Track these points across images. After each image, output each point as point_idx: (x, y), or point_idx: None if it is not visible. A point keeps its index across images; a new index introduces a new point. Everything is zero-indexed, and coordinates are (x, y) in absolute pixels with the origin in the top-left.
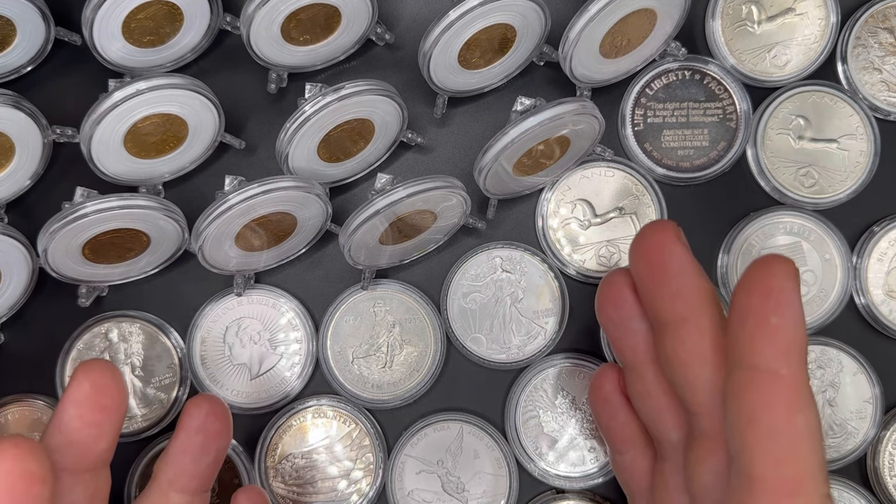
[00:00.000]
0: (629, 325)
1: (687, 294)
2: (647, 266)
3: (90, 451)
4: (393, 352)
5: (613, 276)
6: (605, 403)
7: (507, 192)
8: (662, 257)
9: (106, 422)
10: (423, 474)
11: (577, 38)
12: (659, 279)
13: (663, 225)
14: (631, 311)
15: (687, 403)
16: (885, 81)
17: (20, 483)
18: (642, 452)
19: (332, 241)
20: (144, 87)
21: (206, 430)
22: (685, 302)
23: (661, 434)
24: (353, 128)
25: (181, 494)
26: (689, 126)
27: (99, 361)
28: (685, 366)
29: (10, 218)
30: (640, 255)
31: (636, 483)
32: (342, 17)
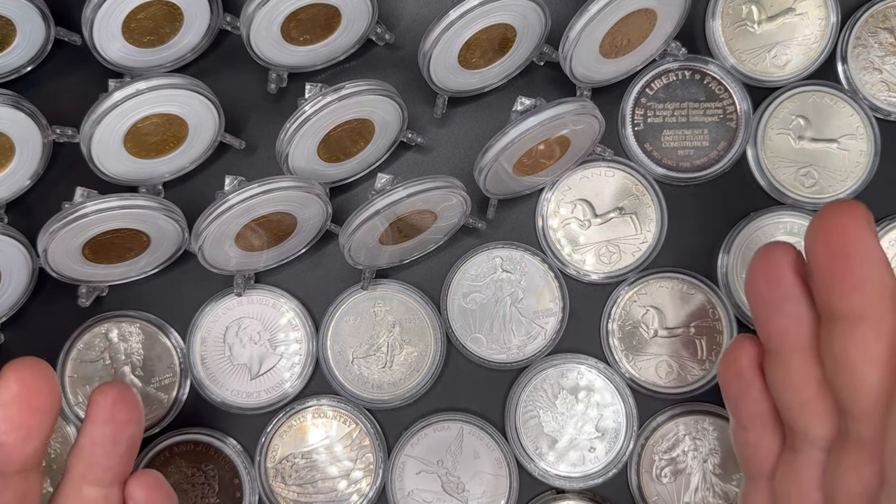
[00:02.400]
0: (783, 307)
1: (869, 289)
2: (827, 250)
3: (18, 453)
4: (393, 352)
5: (773, 250)
6: (737, 378)
7: (507, 192)
8: (846, 243)
9: (35, 424)
10: (423, 474)
11: (577, 38)
12: (839, 267)
13: (852, 206)
14: (789, 291)
15: (846, 406)
16: (885, 81)
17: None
18: (771, 432)
19: (332, 241)
20: (144, 87)
21: (115, 419)
22: (866, 297)
23: (799, 426)
24: (353, 128)
25: (95, 487)
26: (690, 126)
27: (29, 360)
28: (854, 367)
29: (10, 218)
30: (821, 236)
31: (758, 462)
32: (342, 17)
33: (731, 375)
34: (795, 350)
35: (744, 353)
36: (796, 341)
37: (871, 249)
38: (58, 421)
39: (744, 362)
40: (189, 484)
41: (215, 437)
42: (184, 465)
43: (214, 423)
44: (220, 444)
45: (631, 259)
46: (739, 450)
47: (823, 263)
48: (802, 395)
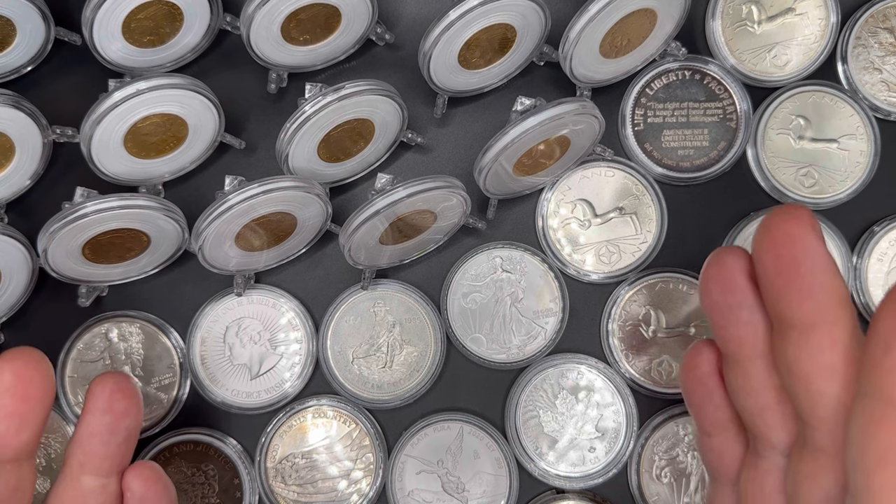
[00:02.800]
0: (738, 314)
1: (819, 296)
2: (775, 259)
3: (10, 441)
4: (393, 352)
5: (724, 257)
6: (698, 385)
7: (507, 192)
8: (794, 251)
9: (29, 413)
10: (423, 474)
11: (577, 38)
12: (788, 276)
13: (798, 213)
14: (742, 298)
15: (803, 415)
16: (885, 81)
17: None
18: (734, 438)
19: (332, 241)
20: (144, 87)
21: (113, 409)
22: (816, 305)
23: (760, 432)
24: (353, 128)
25: (93, 477)
26: (690, 126)
27: (23, 351)
28: (808, 377)
29: (10, 218)
30: (768, 245)
31: (724, 467)
32: (342, 17)
33: (692, 382)
34: (753, 357)
35: (703, 359)
36: (753, 348)
37: (819, 256)
38: (57, 420)
39: (704, 368)
40: (189, 484)
41: (215, 437)
42: (184, 465)
43: (214, 423)
44: (220, 444)
45: (631, 259)
46: (704, 455)
47: (772, 272)
48: (761, 400)
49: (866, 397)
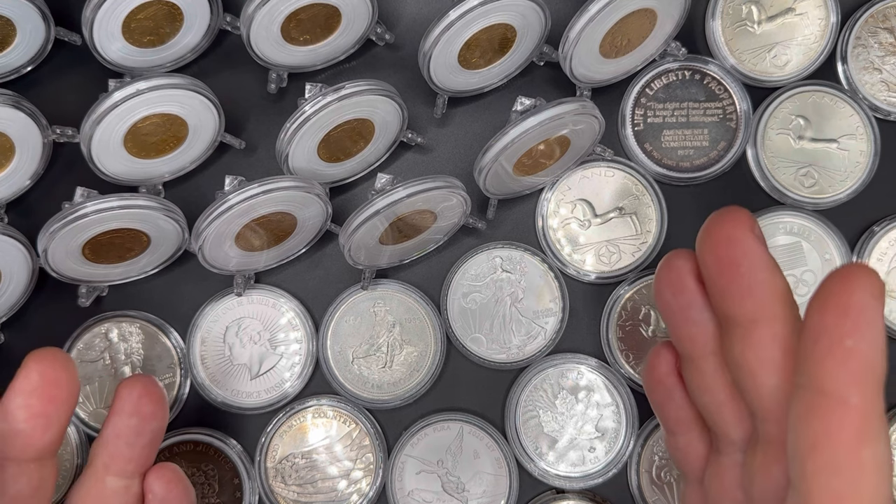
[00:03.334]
0: (689, 314)
1: (759, 293)
2: (716, 260)
3: (36, 441)
4: (393, 352)
5: (674, 260)
6: (658, 384)
7: (507, 192)
8: (733, 252)
9: (54, 413)
10: (423, 474)
11: (577, 38)
12: (729, 275)
13: (734, 215)
14: (692, 299)
15: (752, 408)
16: (885, 81)
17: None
18: (698, 436)
19: (332, 241)
20: (144, 87)
21: (140, 412)
22: (757, 302)
23: (718, 429)
24: (353, 128)
25: (117, 478)
26: (689, 126)
27: (50, 351)
28: (753, 371)
29: (10, 218)
30: (709, 247)
31: (690, 465)
32: (342, 17)
33: (653, 383)
34: (706, 355)
35: (662, 360)
36: (705, 346)
37: (757, 255)
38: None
39: (663, 369)
40: None
41: (215, 437)
42: (184, 465)
43: (215, 424)
44: (221, 444)
45: (631, 259)
46: (672, 454)
47: (714, 273)
48: (717, 397)
49: (801, 388)
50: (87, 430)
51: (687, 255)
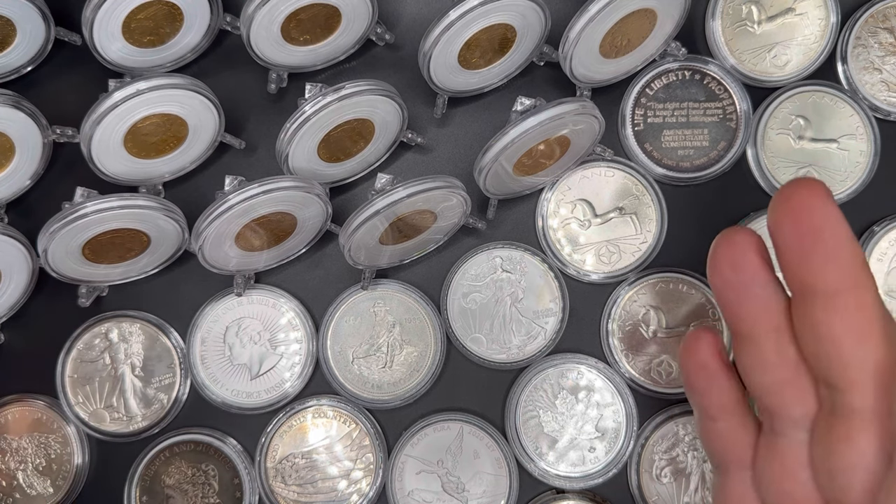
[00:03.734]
0: (750, 290)
1: (843, 262)
2: (795, 228)
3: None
4: (393, 352)
5: (734, 236)
6: (700, 369)
7: (507, 192)
8: (815, 219)
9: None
10: (423, 474)
11: (577, 38)
12: (811, 244)
13: (814, 184)
14: (755, 274)
15: (832, 379)
16: (885, 81)
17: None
18: (741, 421)
19: (332, 241)
20: (144, 87)
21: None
22: (841, 270)
23: (778, 408)
24: (353, 128)
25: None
26: (689, 126)
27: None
28: (837, 341)
29: (10, 218)
30: (787, 215)
31: (733, 453)
32: (342, 17)
33: (693, 367)
34: (767, 332)
35: (703, 343)
36: (767, 323)
37: (839, 224)
38: (58, 420)
39: (705, 352)
40: (189, 484)
41: (215, 437)
42: (184, 465)
43: (214, 423)
44: (221, 444)
45: (631, 259)
46: (711, 443)
47: (793, 241)
48: (778, 375)
49: None
50: (86, 430)
51: (746, 232)
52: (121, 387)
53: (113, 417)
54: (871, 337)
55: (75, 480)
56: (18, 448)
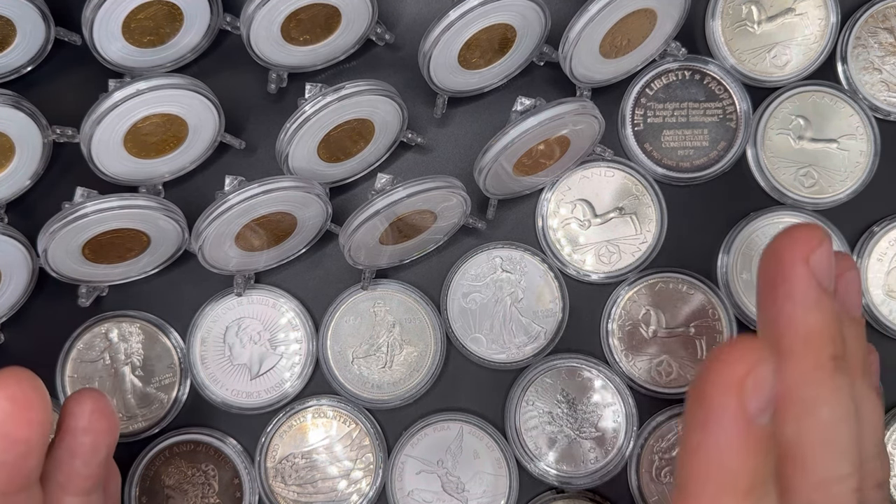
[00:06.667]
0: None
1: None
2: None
3: (20, 470)
4: (393, 352)
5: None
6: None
7: (507, 192)
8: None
9: (34, 436)
10: (423, 474)
11: (577, 38)
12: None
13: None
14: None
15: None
16: (885, 81)
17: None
18: None
19: (332, 241)
20: (144, 87)
21: (93, 429)
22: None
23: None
24: (353, 128)
25: (75, 497)
26: (689, 126)
27: (14, 372)
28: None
29: (10, 218)
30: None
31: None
32: (342, 17)
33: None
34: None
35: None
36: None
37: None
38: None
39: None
40: (189, 484)
41: (215, 437)
42: (184, 465)
43: (214, 423)
44: (220, 444)
45: (631, 259)
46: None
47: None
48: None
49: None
50: None
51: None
52: (121, 387)
53: None
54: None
55: None
56: None
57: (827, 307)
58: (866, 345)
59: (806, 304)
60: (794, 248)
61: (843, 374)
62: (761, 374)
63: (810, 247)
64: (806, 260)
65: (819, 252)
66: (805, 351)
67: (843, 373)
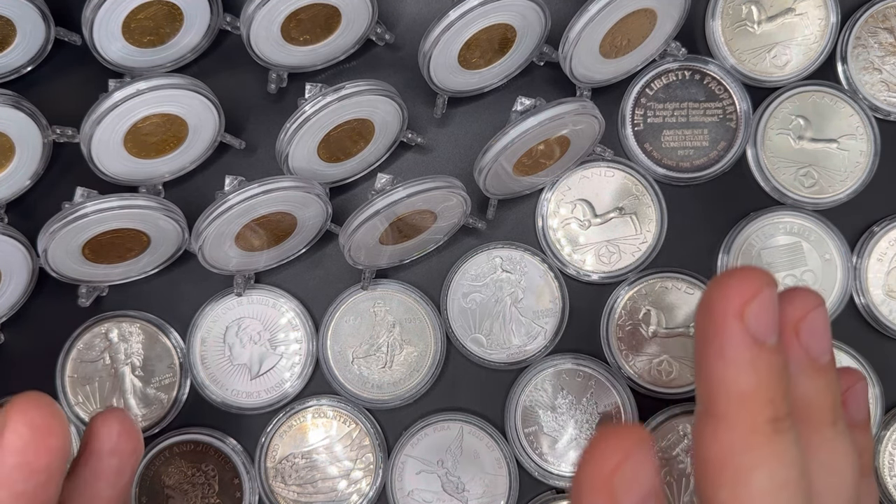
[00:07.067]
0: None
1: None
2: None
3: (39, 499)
4: (393, 352)
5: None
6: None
7: (507, 192)
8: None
9: (53, 463)
10: (423, 474)
11: (577, 38)
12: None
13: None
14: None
15: None
16: (885, 81)
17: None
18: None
19: (332, 241)
20: (144, 87)
21: (120, 450)
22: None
23: None
24: (353, 128)
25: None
26: (689, 126)
27: (33, 397)
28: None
29: (10, 218)
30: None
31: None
32: (342, 17)
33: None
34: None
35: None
36: None
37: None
38: None
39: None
40: (189, 484)
41: (215, 437)
42: (184, 465)
43: (214, 423)
44: (220, 444)
45: (631, 259)
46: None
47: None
48: None
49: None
50: None
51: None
52: (121, 387)
53: None
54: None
55: None
56: None
57: (763, 366)
58: (837, 390)
59: (738, 365)
60: (726, 300)
61: (784, 435)
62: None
63: (743, 298)
64: (739, 314)
65: (756, 303)
66: (738, 414)
67: (784, 434)
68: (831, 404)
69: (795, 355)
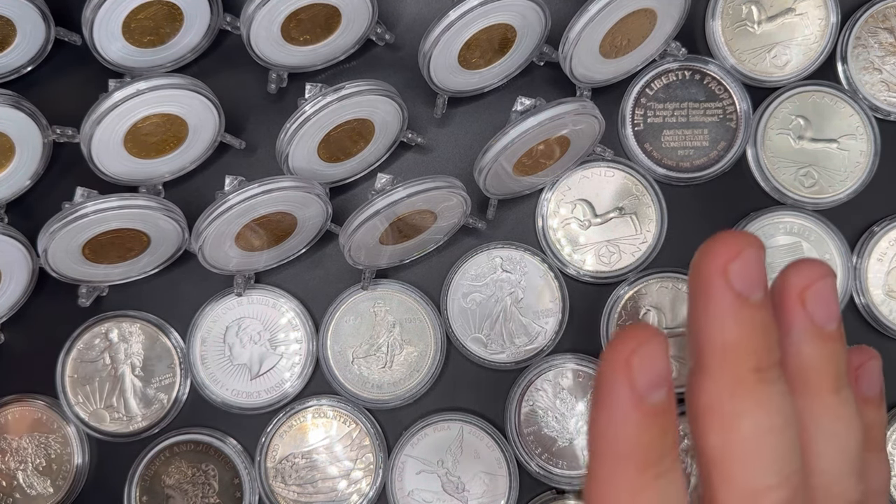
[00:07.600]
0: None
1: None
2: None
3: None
4: (393, 352)
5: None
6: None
7: (507, 192)
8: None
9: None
10: (423, 474)
11: (577, 38)
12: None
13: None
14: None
15: None
16: (885, 81)
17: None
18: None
19: (332, 241)
20: (144, 87)
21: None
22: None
23: None
24: (353, 128)
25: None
26: (689, 126)
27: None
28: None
29: (10, 218)
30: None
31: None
32: (342, 17)
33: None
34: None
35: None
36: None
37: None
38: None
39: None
40: (189, 484)
41: (215, 437)
42: (184, 465)
43: (214, 423)
44: (220, 444)
45: (631, 259)
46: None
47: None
48: None
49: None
50: (86, 430)
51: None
52: (121, 387)
53: (113, 417)
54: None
55: (75, 480)
56: (18, 448)
57: (746, 319)
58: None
59: (722, 318)
60: (711, 259)
61: (770, 386)
62: (647, 352)
63: (727, 257)
64: (723, 271)
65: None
66: (722, 365)
67: (770, 385)
68: (835, 372)
69: (800, 322)
